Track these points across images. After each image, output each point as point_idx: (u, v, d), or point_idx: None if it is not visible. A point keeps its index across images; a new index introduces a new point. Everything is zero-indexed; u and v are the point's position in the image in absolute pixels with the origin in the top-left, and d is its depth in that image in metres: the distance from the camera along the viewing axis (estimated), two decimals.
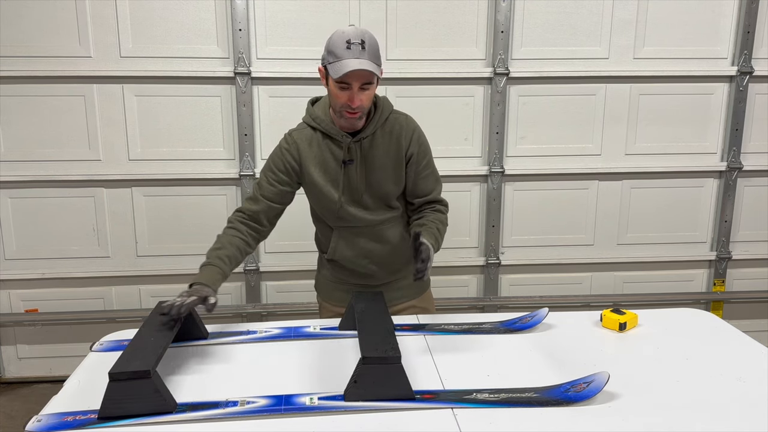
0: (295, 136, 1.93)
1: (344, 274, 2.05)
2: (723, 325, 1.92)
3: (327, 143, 1.90)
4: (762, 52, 3.16)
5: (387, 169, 1.91)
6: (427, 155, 1.97)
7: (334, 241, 2.00)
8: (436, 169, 2.01)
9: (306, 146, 1.91)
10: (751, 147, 3.28)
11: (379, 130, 1.90)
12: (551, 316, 1.90)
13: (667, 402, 1.44)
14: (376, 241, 1.98)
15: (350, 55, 1.71)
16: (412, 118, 1.97)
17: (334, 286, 2.10)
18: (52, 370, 3.24)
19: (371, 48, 1.73)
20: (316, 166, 1.91)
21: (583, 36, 3.09)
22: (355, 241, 1.98)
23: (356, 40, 1.71)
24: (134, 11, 2.89)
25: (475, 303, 3.30)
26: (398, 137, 1.91)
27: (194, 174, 3.06)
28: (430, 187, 1.98)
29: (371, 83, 1.76)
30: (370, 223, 1.95)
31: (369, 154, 1.89)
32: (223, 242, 1.89)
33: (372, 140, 1.89)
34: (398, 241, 2.00)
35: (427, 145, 1.98)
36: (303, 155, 1.91)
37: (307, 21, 2.96)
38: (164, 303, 1.66)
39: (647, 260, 3.36)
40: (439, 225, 1.93)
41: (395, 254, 2.01)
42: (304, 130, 1.94)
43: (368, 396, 1.41)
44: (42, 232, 3.08)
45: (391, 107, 1.94)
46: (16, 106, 2.94)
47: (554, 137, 3.19)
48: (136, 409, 1.35)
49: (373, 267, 2.01)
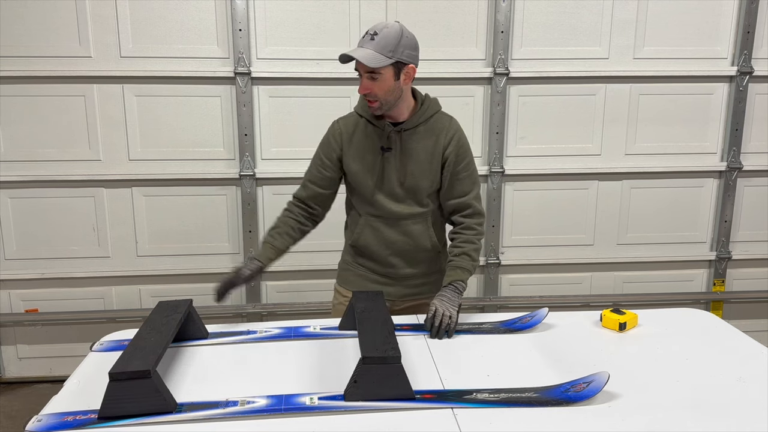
0: (341, 123, 2.03)
1: (364, 260, 2.09)
2: (723, 325, 1.92)
3: (370, 130, 1.97)
4: (762, 52, 3.16)
5: (423, 163, 1.96)
6: (467, 158, 2.00)
7: (360, 228, 2.05)
8: (476, 174, 2.03)
9: (351, 131, 1.99)
10: (751, 147, 3.28)
11: (422, 125, 1.95)
12: (551, 316, 1.90)
13: (667, 402, 1.44)
14: (400, 234, 2.02)
15: (358, 44, 1.83)
16: (456, 121, 2.02)
17: (352, 271, 2.13)
18: (52, 370, 3.24)
19: (383, 41, 1.80)
20: (355, 150, 1.98)
21: (583, 36, 3.09)
22: (380, 231, 2.02)
23: (372, 30, 1.81)
24: (134, 11, 2.89)
25: (475, 303, 3.31)
26: (438, 135, 1.96)
27: (194, 174, 3.06)
28: (465, 189, 2.00)
29: (375, 72, 1.81)
30: (397, 216, 1.99)
31: (408, 145, 1.94)
32: (277, 222, 2.06)
33: (413, 133, 1.95)
34: (421, 238, 2.03)
35: (468, 149, 2.01)
36: (345, 140, 1.99)
37: (307, 21, 2.96)
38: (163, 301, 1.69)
39: (647, 260, 3.37)
40: (471, 251, 1.99)
41: (417, 249, 2.04)
42: (350, 117, 2.03)
43: (368, 396, 1.41)
44: (42, 232, 3.08)
45: (438, 107, 2.01)
46: (16, 106, 2.94)
47: (554, 137, 3.19)
48: (136, 409, 1.35)
49: (394, 259, 2.05)
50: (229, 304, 3.22)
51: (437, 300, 1.88)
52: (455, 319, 1.84)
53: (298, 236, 2.05)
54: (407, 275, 2.07)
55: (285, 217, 2.05)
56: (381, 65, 1.80)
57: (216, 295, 1.89)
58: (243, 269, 1.94)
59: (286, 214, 2.06)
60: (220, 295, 1.90)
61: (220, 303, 1.92)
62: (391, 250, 2.03)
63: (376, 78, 1.82)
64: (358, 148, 1.97)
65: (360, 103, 2.00)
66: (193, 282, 3.14)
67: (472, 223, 2.01)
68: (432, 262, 2.09)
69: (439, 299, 1.88)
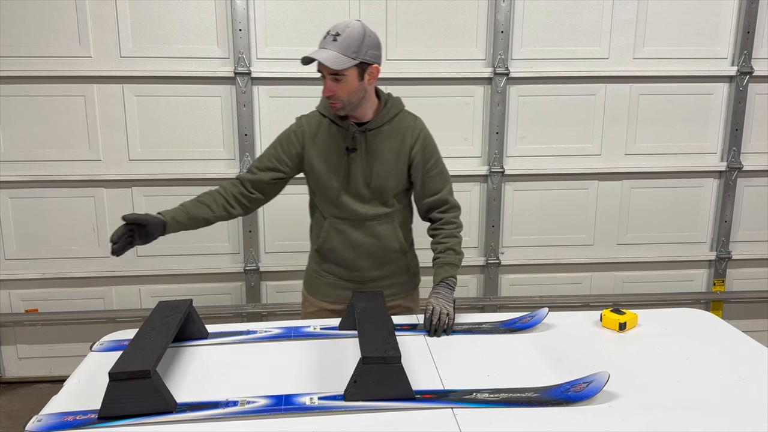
0: (304, 121, 1.99)
1: (331, 267, 2.07)
2: (723, 325, 1.92)
3: (334, 131, 1.94)
4: (762, 52, 3.16)
5: (389, 163, 1.94)
6: (434, 156, 1.99)
7: (325, 231, 2.02)
8: (445, 170, 2.03)
9: (314, 130, 1.96)
10: (751, 147, 3.28)
11: (387, 125, 1.93)
12: (551, 316, 1.90)
13: (667, 402, 1.44)
14: (366, 236, 1.99)
15: (319, 45, 1.79)
16: (421, 120, 2.00)
17: (320, 280, 2.11)
18: (52, 370, 3.24)
19: (346, 42, 1.77)
20: (319, 151, 1.94)
21: (583, 36, 3.09)
22: (346, 233, 1.99)
23: (333, 31, 1.78)
24: (134, 11, 2.89)
25: (475, 303, 3.31)
26: (404, 135, 1.94)
27: (194, 174, 3.06)
28: (438, 186, 2.00)
29: (339, 74, 1.79)
30: (363, 217, 1.97)
31: (373, 146, 1.92)
32: (203, 194, 1.98)
33: (378, 133, 1.93)
34: (389, 239, 2.02)
35: (434, 146, 2.00)
36: (308, 139, 1.95)
37: (307, 21, 2.96)
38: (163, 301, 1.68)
39: (647, 260, 3.36)
40: (455, 245, 1.98)
41: (384, 251, 2.02)
42: (314, 116, 1.99)
43: (368, 396, 1.41)
44: (42, 232, 3.08)
45: (402, 106, 1.99)
46: (16, 106, 2.94)
47: (554, 137, 3.19)
48: (136, 409, 1.35)
49: (360, 262, 2.03)
50: (229, 304, 3.23)
51: (433, 299, 1.87)
52: (452, 316, 1.84)
53: (219, 212, 1.95)
54: (375, 278, 2.05)
55: (215, 191, 1.97)
56: (345, 67, 1.77)
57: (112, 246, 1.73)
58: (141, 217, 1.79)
59: (218, 189, 1.97)
60: (115, 241, 1.73)
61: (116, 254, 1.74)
62: (357, 252, 2.01)
63: (340, 79, 1.80)
64: (322, 149, 1.95)
65: (323, 103, 1.97)
66: (193, 282, 3.14)
67: (450, 217, 2.00)
68: (400, 263, 2.08)
69: (435, 297, 1.88)
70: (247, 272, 3.17)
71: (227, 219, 2.00)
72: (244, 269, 3.17)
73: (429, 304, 1.86)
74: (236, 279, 3.21)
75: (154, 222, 1.82)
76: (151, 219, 1.82)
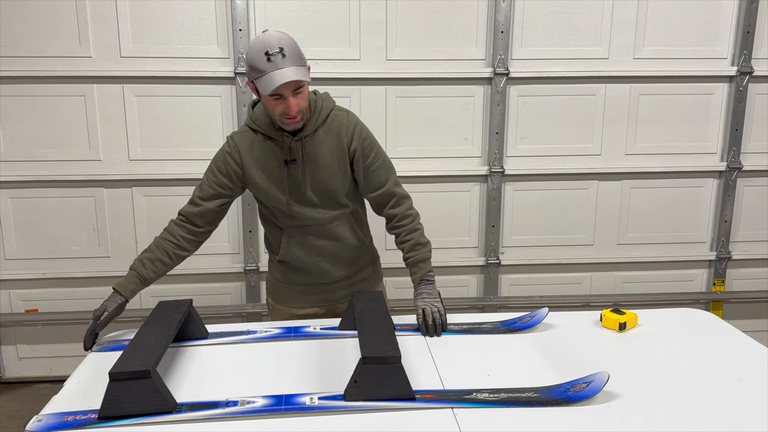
0: (237, 140, 1.92)
1: (297, 275, 2.04)
2: (723, 325, 1.92)
3: (269, 144, 1.88)
4: (762, 52, 3.16)
5: (331, 166, 1.90)
6: (374, 148, 1.94)
7: (284, 242, 1.99)
8: (387, 159, 1.98)
9: (247, 149, 1.90)
10: (751, 147, 3.27)
11: (321, 128, 1.88)
12: (551, 316, 1.90)
13: (667, 402, 1.44)
14: (326, 239, 1.98)
15: (273, 68, 1.68)
16: (354, 114, 1.95)
17: (288, 288, 2.09)
18: (52, 370, 3.24)
19: (291, 52, 1.70)
20: (258, 168, 1.90)
21: (583, 36, 3.09)
22: (306, 239, 1.97)
23: (274, 50, 1.67)
24: (134, 11, 2.89)
25: (475, 303, 3.30)
26: (339, 134, 1.89)
27: (194, 174, 3.04)
28: (382, 179, 1.95)
29: (301, 87, 1.74)
30: (319, 222, 1.95)
31: (311, 152, 1.88)
32: (151, 245, 1.94)
33: (313, 138, 1.88)
34: (349, 238, 2.01)
35: (372, 138, 1.95)
36: (245, 158, 1.90)
37: (307, 21, 2.96)
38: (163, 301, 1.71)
39: (647, 260, 3.36)
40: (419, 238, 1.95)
41: (347, 251, 2.02)
42: (245, 133, 1.92)
43: (368, 396, 1.41)
44: (42, 232, 3.08)
45: (332, 104, 1.93)
46: (16, 106, 2.94)
47: (554, 137, 3.19)
48: (136, 409, 1.35)
49: (326, 265, 2.01)
50: (229, 304, 3.23)
51: (419, 301, 1.87)
52: (443, 311, 1.83)
53: (173, 262, 1.94)
54: (341, 277, 2.05)
55: (162, 239, 1.92)
56: (307, 77, 1.74)
57: (84, 345, 1.81)
58: (104, 312, 1.86)
59: (164, 236, 1.93)
60: (87, 345, 1.81)
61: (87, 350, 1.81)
62: (321, 256, 1.99)
63: (301, 91, 1.75)
64: (260, 164, 1.89)
65: (252, 117, 1.90)
66: (193, 282, 3.14)
67: (404, 211, 1.96)
68: (364, 258, 2.08)
69: (421, 299, 1.87)
70: (247, 272, 3.17)
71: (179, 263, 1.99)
72: (244, 269, 3.17)
73: (418, 308, 1.85)
74: (236, 279, 3.21)
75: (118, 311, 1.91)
76: (115, 312, 1.89)
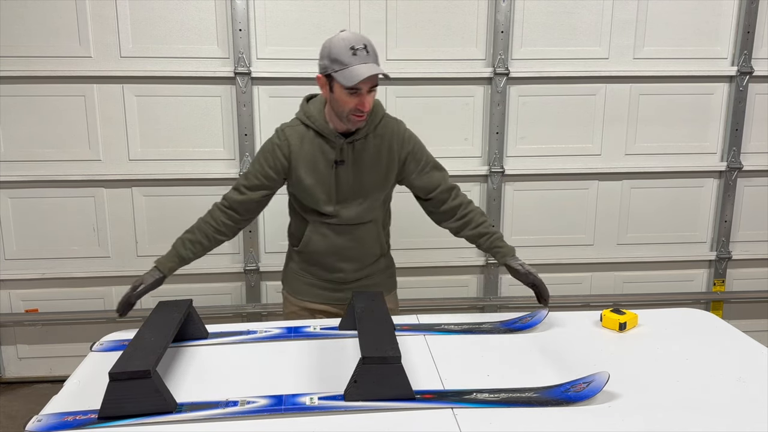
0: (288, 133, 1.94)
1: (312, 268, 2.06)
2: (723, 325, 1.92)
3: (319, 142, 1.91)
4: (762, 52, 3.16)
5: (377, 171, 1.93)
6: (424, 152, 2.00)
7: (307, 235, 2.01)
8: (435, 159, 2.03)
9: (298, 143, 1.92)
10: (751, 147, 3.27)
11: (372, 132, 1.92)
12: (551, 316, 1.90)
13: (667, 402, 1.44)
14: (349, 240, 1.99)
15: (359, 61, 1.73)
16: (403, 123, 2.01)
17: (301, 280, 2.10)
18: (52, 370, 3.24)
19: (373, 51, 1.77)
20: (305, 164, 1.92)
21: (583, 36, 3.09)
22: (329, 236, 1.99)
23: (359, 45, 1.73)
24: (134, 11, 2.89)
25: (475, 303, 3.30)
26: (390, 142, 1.93)
27: (194, 174, 3.06)
28: (437, 178, 2.00)
29: (377, 85, 1.80)
30: (348, 222, 1.97)
31: (360, 156, 1.91)
32: (193, 226, 1.99)
33: (364, 143, 1.91)
34: (370, 242, 2.03)
35: (420, 144, 2.01)
36: (293, 152, 1.92)
37: (307, 21, 2.96)
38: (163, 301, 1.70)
39: (647, 260, 3.36)
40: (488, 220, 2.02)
41: (366, 254, 2.03)
42: (297, 127, 1.95)
43: (368, 396, 1.41)
44: (42, 232, 3.08)
45: (383, 110, 1.97)
46: (16, 106, 2.94)
47: (554, 137, 3.19)
48: (136, 409, 1.35)
49: (342, 264, 2.02)
50: (229, 304, 3.23)
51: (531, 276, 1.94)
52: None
53: (211, 246, 1.98)
54: (356, 279, 2.06)
55: (204, 222, 1.98)
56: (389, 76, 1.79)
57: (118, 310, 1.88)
58: (141, 285, 1.89)
59: (206, 219, 1.98)
60: (122, 311, 1.88)
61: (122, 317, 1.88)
62: (339, 256, 2.01)
63: (374, 91, 1.80)
64: (309, 161, 1.91)
65: (305, 112, 1.93)
66: (193, 282, 3.14)
67: (463, 198, 2.02)
68: (379, 264, 2.10)
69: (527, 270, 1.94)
70: (247, 272, 3.17)
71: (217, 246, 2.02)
72: (244, 269, 3.17)
73: (530, 275, 1.93)
74: (236, 279, 3.21)
75: (154, 286, 1.91)
76: (151, 287, 1.91)
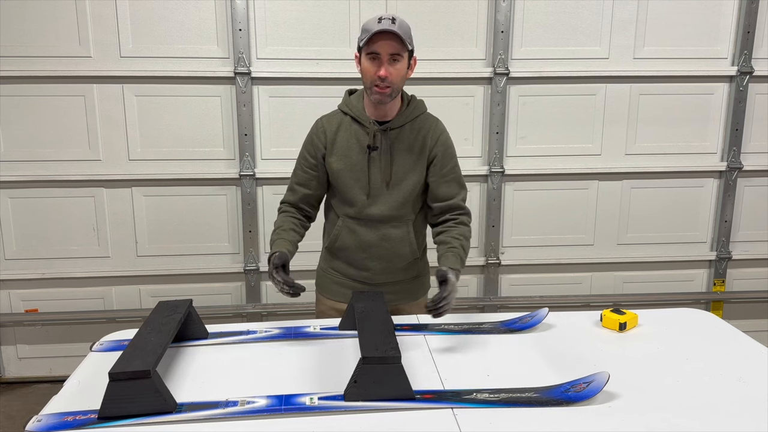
0: (324, 121, 1.99)
1: (340, 266, 2.07)
2: (723, 325, 1.92)
3: (355, 129, 1.94)
4: (762, 52, 3.16)
5: (409, 161, 1.94)
6: (453, 160, 1.99)
7: (337, 229, 2.02)
8: (462, 179, 2.02)
9: (334, 129, 1.96)
10: (751, 147, 3.28)
11: (408, 125, 1.94)
12: (551, 316, 1.90)
13: (667, 402, 1.44)
14: (379, 238, 1.98)
15: (380, 27, 1.77)
16: (442, 123, 2.01)
17: (330, 278, 2.11)
18: (52, 370, 3.24)
19: (402, 25, 1.80)
20: (339, 149, 1.94)
21: (583, 36, 3.09)
22: (359, 233, 1.99)
23: (387, 16, 1.78)
24: (134, 11, 2.89)
25: (475, 303, 3.31)
26: (425, 136, 1.95)
27: (194, 174, 3.06)
28: (452, 192, 1.98)
29: (400, 55, 1.80)
30: (377, 218, 1.96)
31: (394, 145, 1.93)
32: (279, 222, 2.01)
33: (399, 133, 1.93)
34: (400, 243, 2.00)
35: (453, 151, 2.00)
36: (329, 137, 1.96)
37: (307, 21, 2.96)
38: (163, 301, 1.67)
39: (647, 260, 3.36)
40: (464, 241, 1.93)
41: (394, 255, 2.01)
42: (334, 115, 1.99)
43: (368, 396, 1.41)
44: (42, 232, 3.08)
45: (424, 108, 2.00)
46: (16, 106, 2.94)
47: (554, 137, 3.19)
48: (136, 409, 1.35)
49: (370, 263, 2.02)
50: (229, 304, 3.23)
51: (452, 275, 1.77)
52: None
53: (303, 232, 2.02)
54: (383, 282, 2.03)
55: (285, 216, 2.01)
56: (409, 47, 1.81)
57: (292, 291, 1.79)
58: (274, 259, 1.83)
59: (285, 214, 2.01)
60: (296, 292, 1.80)
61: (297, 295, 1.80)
62: (367, 253, 2.00)
63: (398, 61, 1.81)
64: (342, 147, 1.94)
65: (345, 101, 1.98)
66: (193, 282, 3.14)
67: (465, 219, 1.98)
68: (409, 270, 2.06)
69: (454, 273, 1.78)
70: (247, 272, 3.17)
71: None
72: (244, 269, 3.17)
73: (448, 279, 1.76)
74: (236, 279, 3.21)
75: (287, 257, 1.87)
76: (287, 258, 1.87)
